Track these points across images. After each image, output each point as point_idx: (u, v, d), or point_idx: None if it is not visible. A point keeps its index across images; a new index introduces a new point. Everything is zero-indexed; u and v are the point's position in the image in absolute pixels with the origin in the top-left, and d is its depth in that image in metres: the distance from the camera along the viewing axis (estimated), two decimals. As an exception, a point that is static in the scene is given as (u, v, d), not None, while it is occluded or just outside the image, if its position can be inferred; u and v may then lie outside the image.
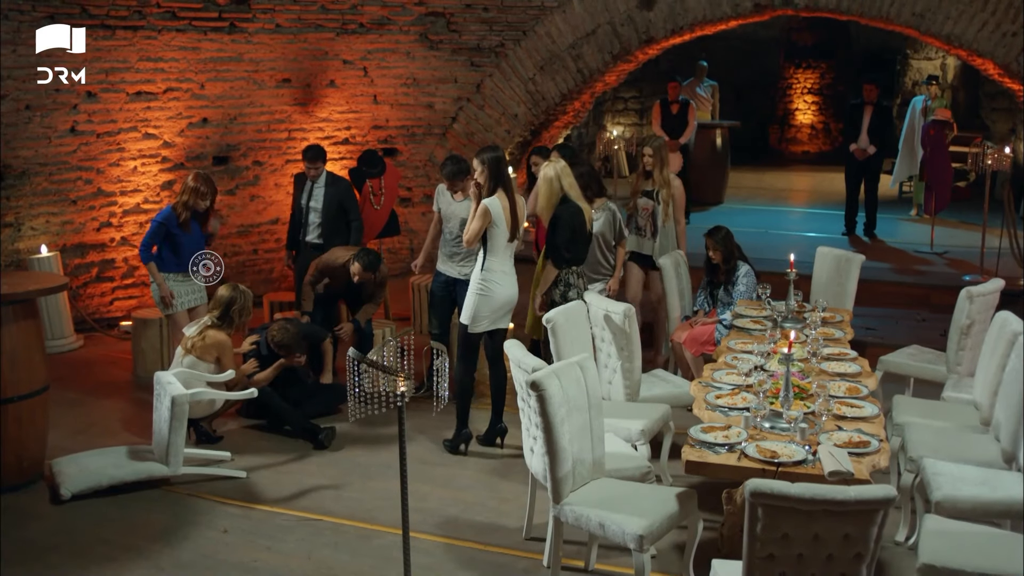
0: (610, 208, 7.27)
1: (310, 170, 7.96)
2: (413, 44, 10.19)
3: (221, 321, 6.64)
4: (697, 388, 5.34)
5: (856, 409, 4.92)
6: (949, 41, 9.22)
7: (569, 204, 6.53)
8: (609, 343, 6.11)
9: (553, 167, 6.46)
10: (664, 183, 7.71)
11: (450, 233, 7.40)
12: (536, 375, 4.58)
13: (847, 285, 7.46)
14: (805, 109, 19.59)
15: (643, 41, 9.98)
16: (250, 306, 6.80)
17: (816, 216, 13.40)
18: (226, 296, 6.68)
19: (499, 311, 6.45)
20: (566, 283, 6.76)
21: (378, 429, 7.02)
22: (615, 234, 7.34)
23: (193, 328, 6.68)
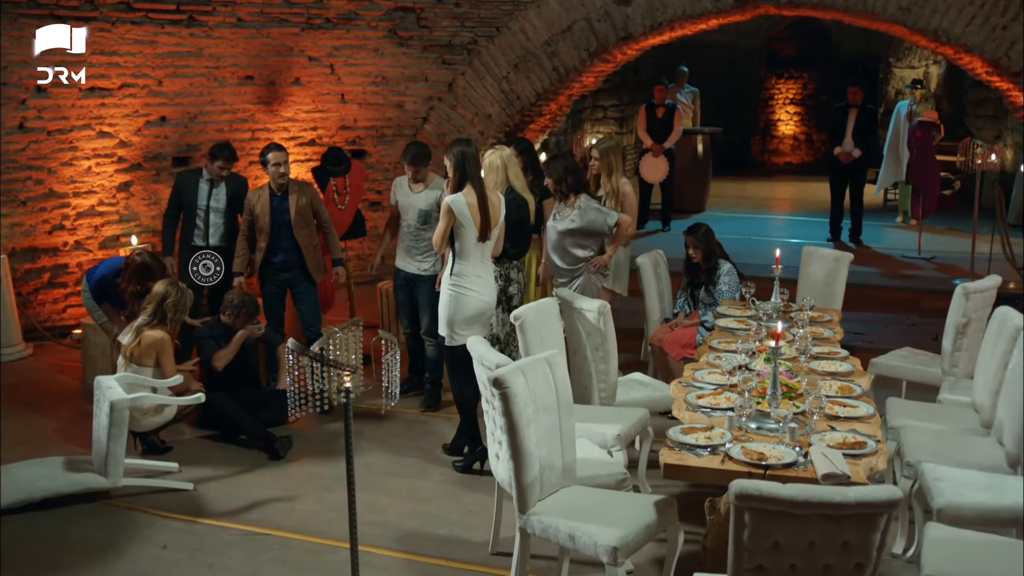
0: (580, 206, 6.65)
1: (222, 170, 7.46)
2: (382, 40, 9.80)
3: (154, 318, 6.19)
4: (677, 388, 4.93)
5: (850, 408, 4.53)
6: (936, 36, 8.90)
7: (514, 196, 6.14)
8: (584, 343, 5.70)
9: (499, 155, 6.05)
10: (613, 189, 7.13)
11: (408, 226, 7.03)
12: (499, 371, 4.16)
13: (835, 286, 7.09)
14: (787, 120, 19.35)
15: (621, 38, 9.63)
16: (187, 303, 6.35)
17: (800, 223, 13.08)
18: (159, 291, 6.23)
19: (476, 319, 5.93)
20: (506, 278, 6.37)
21: (339, 437, 6.57)
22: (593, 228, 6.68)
23: (128, 334, 6.22)
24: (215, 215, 7.53)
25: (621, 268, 7.20)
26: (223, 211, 7.53)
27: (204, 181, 7.51)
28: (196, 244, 7.52)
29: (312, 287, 7.24)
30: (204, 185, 7.50)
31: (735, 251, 7.34)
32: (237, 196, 7.46)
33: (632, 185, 7.26)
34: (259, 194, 7.22)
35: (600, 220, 6.62)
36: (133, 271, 6.77)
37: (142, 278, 6.72)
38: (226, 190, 7.53)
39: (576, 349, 5.78)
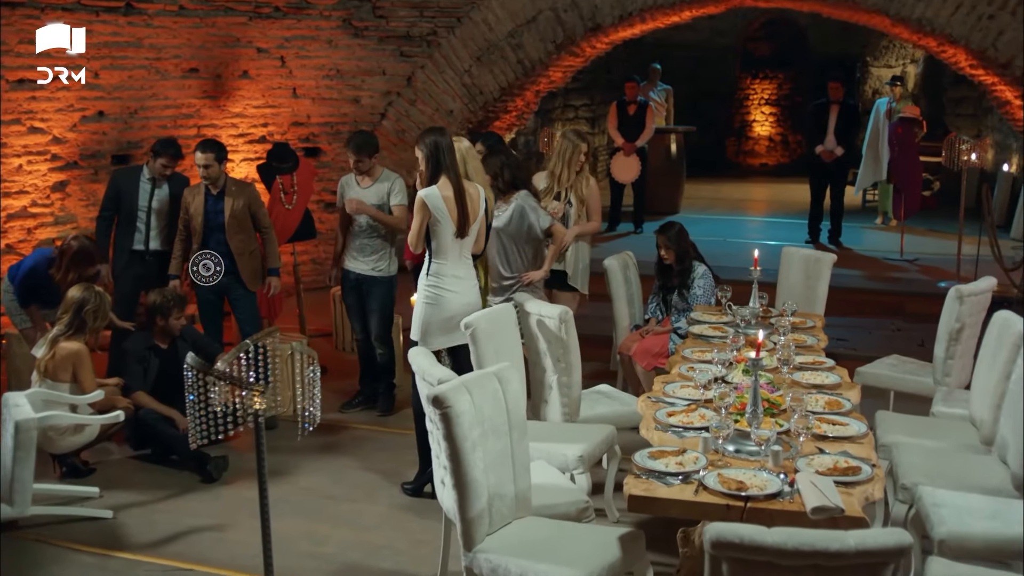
0: (515, 204, 6.04)
1: (165, 168, 6.88)
2: (335, 31, 9.24)
3: (71, 328, 5.60)
4: (645, 404, 4.40)
5: (839, 427, 4.01)
6: (920, 26, 8.45)
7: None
8: (544, 354, 5.17)
9: (457, 147, 5.48)
10: (574, 182, 6.55)
11: (359, 225, 6.52)
12: (440, 388, 3.62)
13: (817, 289, 6.60)
14: (763, 121, 18.94)
15: (589, 29, 9.13)
16: (107, 309, 5.78)
17: (777, 225, 12.61)
18: (76, 297, 5.64)
19: (456, 324, 5.25)
20: None
21: (280, 456, 6.01)
22: (525, 231, 6.07)
23: (42, 346, 5.63)
24: (157, 217, 6.95)
25: (580, 266, 6.61)
26: (166, 213, 6.96)
27: (145, 180, 6.91)
28: (136, 248, 6.93)
29: (250, 294, 6.68)
30: (146, 184, 6.90)
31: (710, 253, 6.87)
32: (179, 196, 6.88)
33: (595, 182, 6.70)
34: (195, 193, 6.66)
35: (533, 221, 6.02)
36: (71, 257, 6.22)
37: (81, 264, 6.18)
38: (169, 190, 6.95)
39: (536, 360, 5.26)
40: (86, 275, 6.20)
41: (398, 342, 6.95)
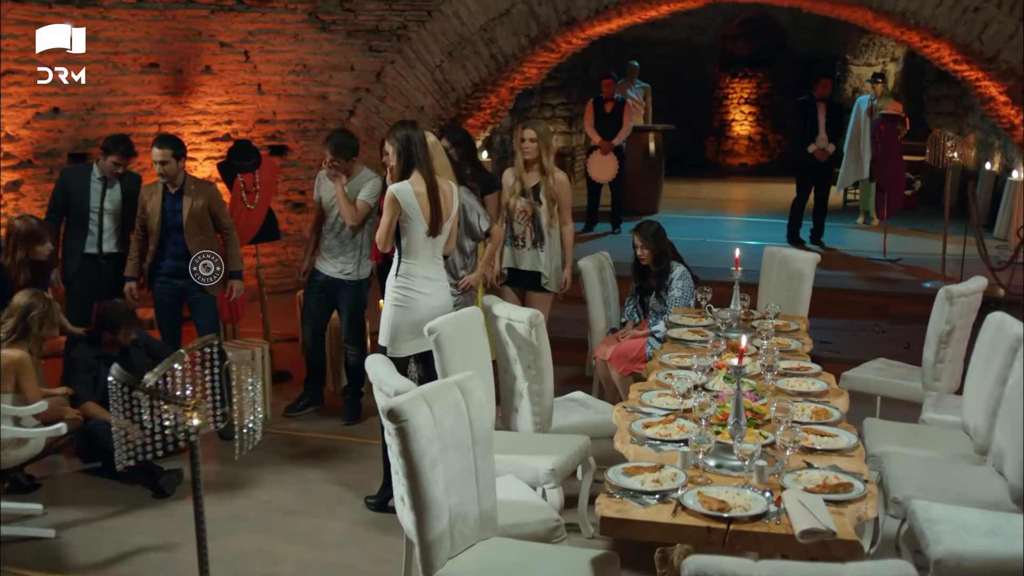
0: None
1: (117, 167, 6.53)
2: (301, 25, 8.91)
3: (13, 334, 5.26)
4: (620, 415, 4.12)
5: (828, 439, 3.74)
6: (904, 19, 8.22)
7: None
8: (513, 360, 4.88)
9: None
10: (548, 176, 6.16)
11: (332, 225, 6.26)
12: (396, 400, 3.33)
13: (800, 290, 6.34)
14: (742, 120, 18.74)
15: (564, 23, 8.85)
16: (55, 317, 5.45)
17: (757, 225, 12.37)
18: (22, 302, 5.30)
19: (425, 327, 4.97)
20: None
21: (238, 468, 5.71)
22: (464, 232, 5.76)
23: None
24: (110, 218, 6.62)
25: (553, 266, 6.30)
26: (119, 213, 6.62)
27: (96, 179, 6.56)
28: (89, 252, 6.58)
29: (209, 298, 6.36)
30: (97, 184, 6.55)
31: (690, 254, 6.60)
32: (133, 196, 6.53)
33: (566, 176, 6.35)
34: (152, 191, 6.32)
35: (473, 222, 5.70)
36: (18, 237, 5.88)
37: (30, 242, 5.87)
38: (121, 189, 6.62)
39: (505, 367, 4.96)
40: (37, 255, 5.88)
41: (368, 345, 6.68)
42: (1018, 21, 7.85)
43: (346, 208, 6.12)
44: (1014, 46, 7.93)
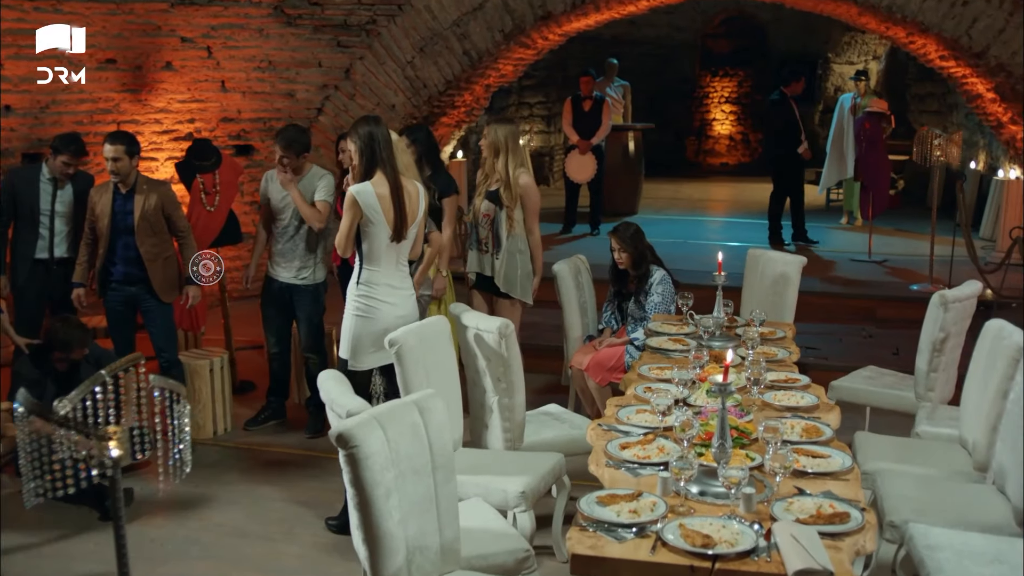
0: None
1: (67, 167, 6.17)
2: (266, 19, 8.55)
3: None
4: (596, 433, 3.81)
5: (821, 461, 3.44)
6: (890, 14, 7.95)
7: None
8: (483, 373, 4.57)
9: None
10: (503, 180, 5.74)
11: (283, 227, 5.96)
12: (345, 425, 3.01)
13: (786, 295, 6.05)
14: (723, 119, 18.50)
15: (539, 17, 8.54)
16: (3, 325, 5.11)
17: (739, 225, 12.09)
18: None
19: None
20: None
21: (192, 486, 5.39)
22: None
23: None
24: (62, 221, 6.26)
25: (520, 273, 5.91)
26: (71, 216, 6.27)
27: (46, 180, 6.20)
28: (39, 257, 6.21)
29: (163, 305, 6.01)
30: (47, 185, 6.19)
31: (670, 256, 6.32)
32: (84, 197, 6.18)
33: (532, 178, 5.90)
34: (102, 191, 5.97)
35: None
36: None
37: None
38: (73, 190, 6.27)
39: (474, 380, 4.65)
40: None
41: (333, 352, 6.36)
42: (1008, 15, 7.60)
43: (308, 211, 5.80)
44: (1003, 41, 7.68)
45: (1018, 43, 7.65)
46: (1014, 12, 7.58)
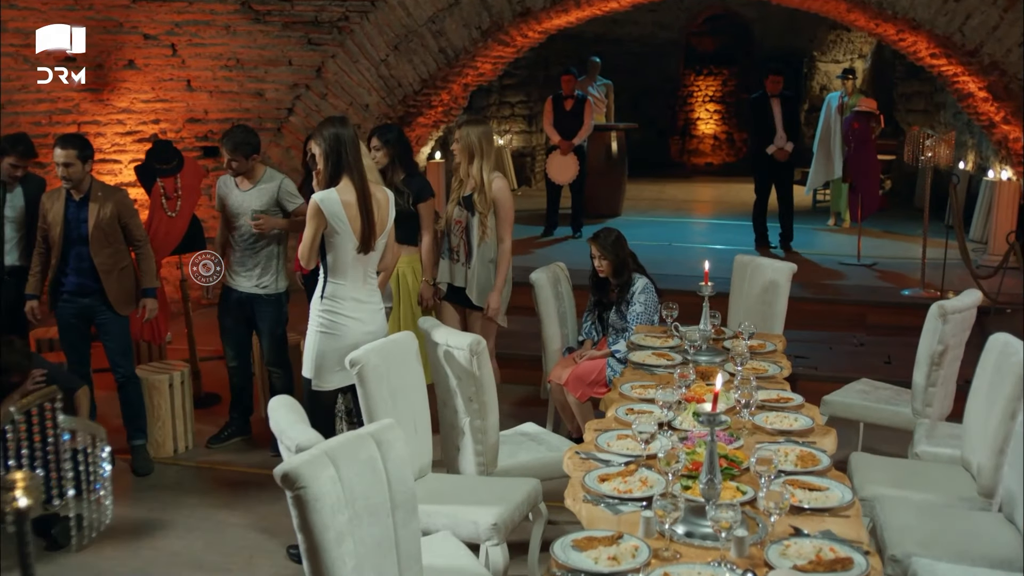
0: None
1: (15, 169, 5.83)
2: (233, 16, 8.21)
3: None
4: (573, 463, 3.50)
5: (818, 494, 3.14)
6: (881, 9, 7.68)
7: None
8: (453, 392, 4.26)
9: None
10: (477, 184, 5.42)
11: (240, 235, 5.65)
12: (290, 463, 2.70)
13: (775, 304, 5.76)
14: (707, 119, 18.26)
15: (518, 14, 8.23)
16: None
17: (724, 227, 11.83)
18: None
19: None
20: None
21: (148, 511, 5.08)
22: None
23: None
24: (12, 227, 5.92)
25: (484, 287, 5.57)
26: (22, 222, 5.94)
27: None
28: None
29: (119, 318, 5.67)
30: None
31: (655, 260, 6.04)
32: (36, 202, 5.83)
33: (507, 184, 5.59)
34: (54, 198, 5.62)
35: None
36: None
37: None
38: (24, 195, 5.93)
39: (445, 400, 4.34)
40: None
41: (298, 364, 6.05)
42: (1002, 11, 7.34)
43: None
44: (998, 38, 7.42)
45: (1012, 40, 7.40)
46: (1008, 8, 7.32)
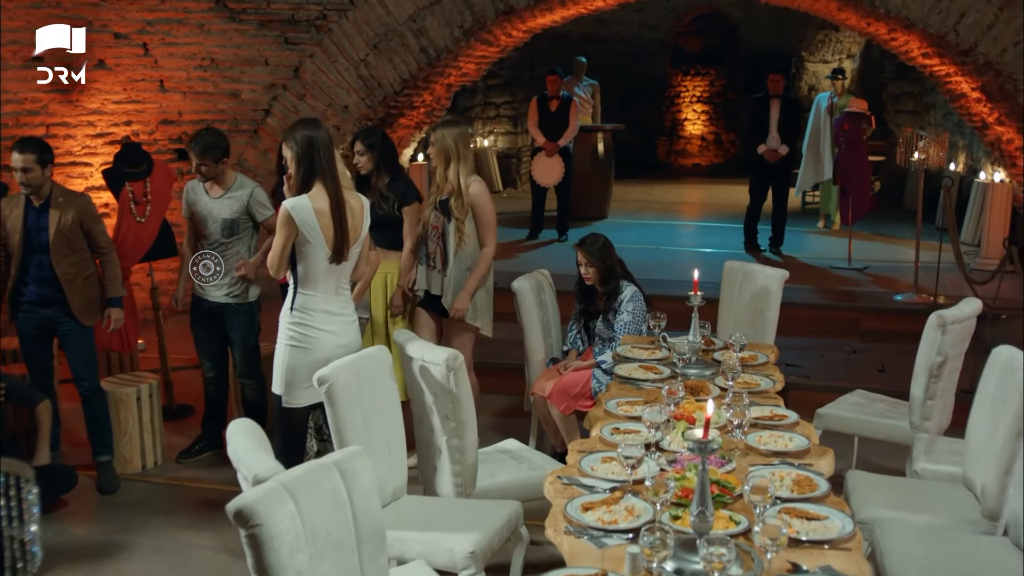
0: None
1: None
2: (207, 14, 7.96)
3: None
4: (555, 488, 3.28)
5: (817, 524, 2.93)
6: (873, 8, 7.49)
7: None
8: (430, 409, 4.04)
9: None
10: (454, 188, 5.17)
11: (210, 242, 5.45)
12: (244, 499, 2.47)
13: (767, 312, 5.56)
14: (695, 119, 18.07)
15: (501, 12, 8.02)
16: None
17: (713, 229, 11.64)
18: None
19: None
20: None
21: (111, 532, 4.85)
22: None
23: None
24: None
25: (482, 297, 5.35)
26: None
27: None
28: None
29: (83, 329, 5.42)
30: None
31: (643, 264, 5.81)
32: None
33: (486, 187, 5.30)
34: (13, 204, 5.36)
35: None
36: None
37: None
38: None
39: (421, 417, 4.12)
40: None
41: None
42: (997, 10, 7.16)
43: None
44: (993, 37, 7.24)
45: (1008, 39, 7.22)
46: (1004, 7, 7.14)
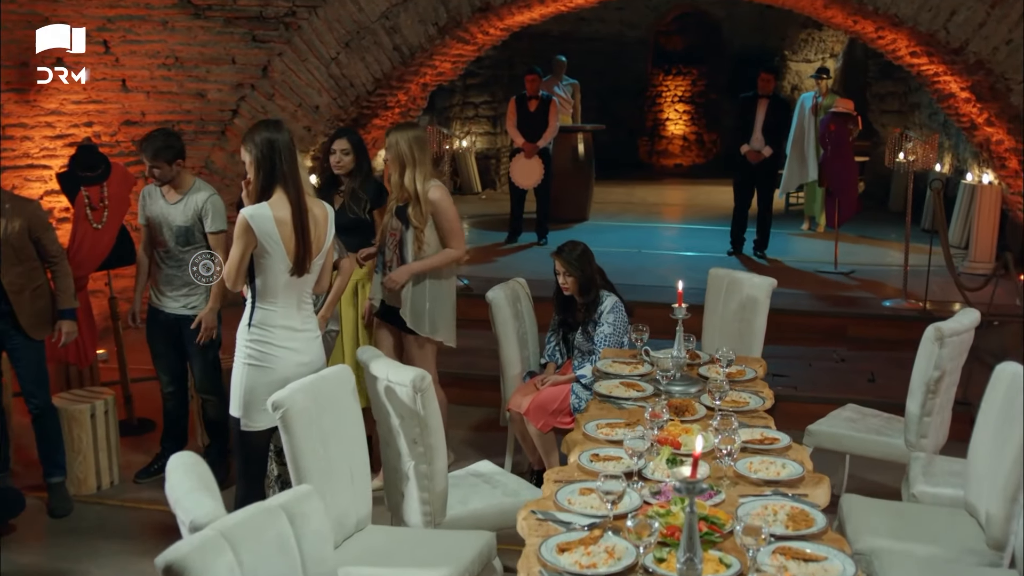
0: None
1: None
2: (170, 11, 7.64)
3: None
4: (528, 525, 3.01)
5: (815, 567, 2.67)
6: (861, 5, 7.26)
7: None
8: (396, 432, 3.76)
9: None
10: (413, 195, 4.89)
11: (166, 250, 5.17)
12: (176, 551, 2.20)
13: (754, 321, 5.30)
14: (676, 119, 17.85)
15: (477, 9, 7.74)
16: None
17: (696, 232, 11.41)
18: None
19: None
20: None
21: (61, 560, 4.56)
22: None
23: None
24: None
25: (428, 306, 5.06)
26: None
27: None
28: None
29: (33, 343, 5.11)
30: None
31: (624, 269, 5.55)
32: None
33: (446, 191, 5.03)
34: None
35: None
36: None
37: None
38: None
39: (387, 440, 3.84)
40: None
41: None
42: (989, 7, 6.94)
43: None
44: (984, 36, 7.02)
45: (999, 38, 7.00)
46: (995, 4, 6.92)
